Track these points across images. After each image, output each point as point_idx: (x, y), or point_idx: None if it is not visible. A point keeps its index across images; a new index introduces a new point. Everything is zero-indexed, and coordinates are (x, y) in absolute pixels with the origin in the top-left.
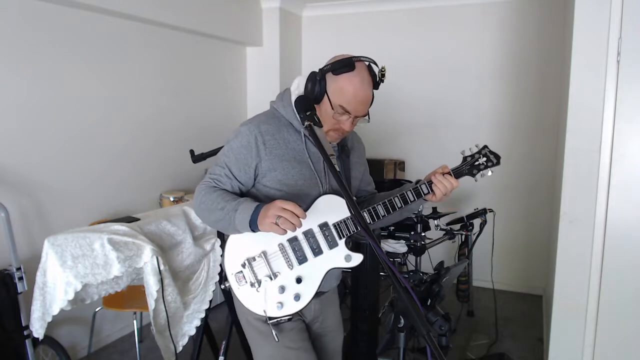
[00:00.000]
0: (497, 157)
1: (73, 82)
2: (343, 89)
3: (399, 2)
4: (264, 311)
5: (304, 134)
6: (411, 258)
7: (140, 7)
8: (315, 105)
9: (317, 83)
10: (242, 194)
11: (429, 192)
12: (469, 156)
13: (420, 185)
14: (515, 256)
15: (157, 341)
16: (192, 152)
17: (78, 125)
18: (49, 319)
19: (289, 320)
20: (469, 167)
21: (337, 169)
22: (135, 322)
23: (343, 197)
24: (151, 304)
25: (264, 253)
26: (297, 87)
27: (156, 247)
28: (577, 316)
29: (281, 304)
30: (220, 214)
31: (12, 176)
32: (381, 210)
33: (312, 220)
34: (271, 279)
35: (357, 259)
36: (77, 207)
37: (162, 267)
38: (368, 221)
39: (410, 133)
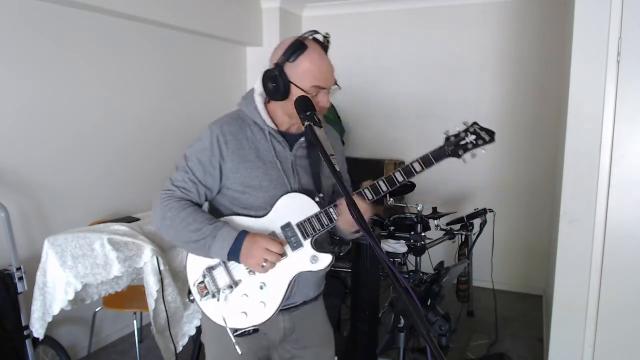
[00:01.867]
0: (490, 132)
1: (73, 83)
2: (308, 70)
3: (399, 2)
4: (224, 321)
5: (269, 132)
6: (411, 258)
7: (140, 7)
8: (283, 102)
9: (277, 78)
10: (207, 200)
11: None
12: (453, 135)
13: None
14: (515, 256)
15: (157, 341)
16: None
17: (78, 125)
18: (49, 319)
19: (255, 331)
20: (452, 147)
21: (337, 169)
22: (135, 322)
23: (308, 195)
24: (151, 304)
25: (224, 261)
26: (260, 86)
27: (156, 247)
28: (577, 316)
29: (245, 313)
30: (192, 236)
31: (12, 176)
32: (318, 224)
33: (274, 222)
34: (232, 287)
35: (324, 260)
36: (77, 207)
37: (162, 267)
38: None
39: (410, 133)
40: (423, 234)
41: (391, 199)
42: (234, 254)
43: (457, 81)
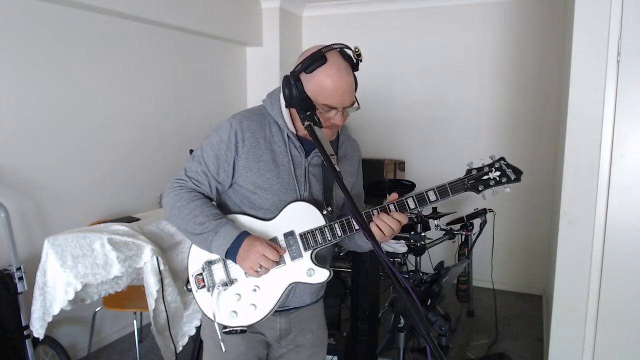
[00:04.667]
0: (518, 171)
1: (73, 83)
2: (321, 85)
3: (399, 2)
4: (214, 316)
5: (287, 135)
6: (411, 258)
7: (140, 7)
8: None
9: (292, 87)
10: (218, 194)
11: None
12: (476, 168)
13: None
14: (515, 256)
15: (157, 341)
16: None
17: (78, 125)
18: (49, 319)
19: (243, 332)
20: (473, 181)
21: (338, 169)
22: (135, 322)
23: (316, 207)
24: (151, 304)
25: (223, 258)
26: None
27: (156, 247)
28: (577, 316)
29: (235, 312)
30: (197, 228)
31: (12, 176)
32: (321, 238)
33: (278, 228)
34: (227, 285)
35: (321, 275)
36: (77, 207)
37: (162, 267)
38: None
39: (410, 133)
40: (423, 234)
41: None
42: (232, 253)
43: (457, 81)
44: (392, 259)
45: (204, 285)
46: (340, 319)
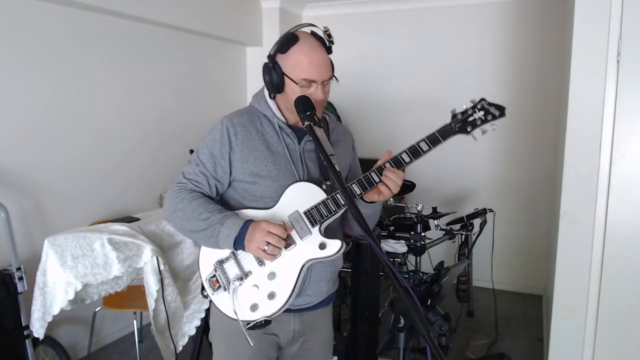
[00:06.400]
0: (500, 107)
1: (72, 83)
2: (298, 62)
3: (399, 2)
4: (235, 313)
5: (278, 125)
6: (411, 258)
7: (140, 8)
8: (280, 95)
9: (271, 70)
10: (218, 194)
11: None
12: (460, 112)
13: (370, 174)
14: (515, 256)
15: (157, 341)
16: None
17: (77, 125)
18: (49, 319)
19: (267, 322)
20: (460, 123)
21: (338, 169)
22: (135, 322)
23: (315, 184)
24: (151, 304)
25: (234, 253)
26: None
27: (156, 247)
28: (577, 316)
29: (256, 305)
30: (202, 224)
31: (13, 176)
32: (325, 210)
33: (282, 212)
34: (242, 279)
35: (333, 246)
36: (77, 207)
37: (162, 267)
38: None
39: (409, 133)
40: (423, 234)
41: (391, 199)
42: (239, 241)
43: (457, 81)
44: (392, 259)
45: (219, 286)
46: (340, 319)
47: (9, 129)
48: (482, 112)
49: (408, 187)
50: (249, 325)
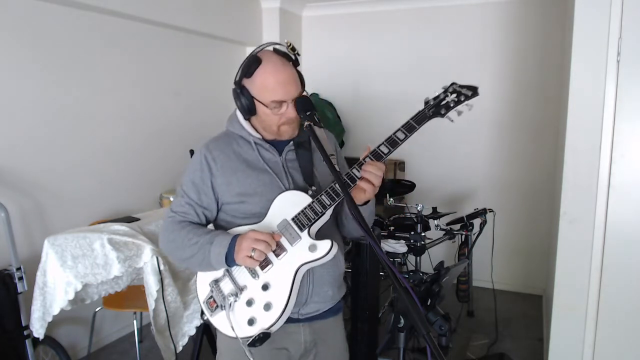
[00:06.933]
0: (472, 87)
1: (71, 84)
2: (264, 84)
3: (399, 2)
4: (233, 330)
5: (254, 142)
6: (411, 258)
7: (140, 8)
8: (254, 117)
9: (240, 95)
10: (208, 222)
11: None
12: (432, 98)
13: (352, 170)
14: (515, 256)
15: (157, 341)
16: (192, 152)
17: (77, 125)
18: (49, 319)
19: (266, 336)
20: (433, 108)
21: (337, 169)
22: (135, 322)
23: (302, 191)
24: (151, 304)
25: (228, 270)
26: None
27: (156, 247)
28: (577, 316)
29: (253, 319)
30: (193, 249)
31: (13, 176)
32: (312, 213)
33: (271, 223)
34: (237, 294)
35: (323, 246)
36: (77, 207)
37: (162, 267)
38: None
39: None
40: (423, 234)
41: (391, 199)
42: (230, 257)
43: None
44: (392, 259)
45: (217, 306)
46: None
47: (9, 129)
48: (454, 95)
49: (408, 187)
50: (249, 342)
